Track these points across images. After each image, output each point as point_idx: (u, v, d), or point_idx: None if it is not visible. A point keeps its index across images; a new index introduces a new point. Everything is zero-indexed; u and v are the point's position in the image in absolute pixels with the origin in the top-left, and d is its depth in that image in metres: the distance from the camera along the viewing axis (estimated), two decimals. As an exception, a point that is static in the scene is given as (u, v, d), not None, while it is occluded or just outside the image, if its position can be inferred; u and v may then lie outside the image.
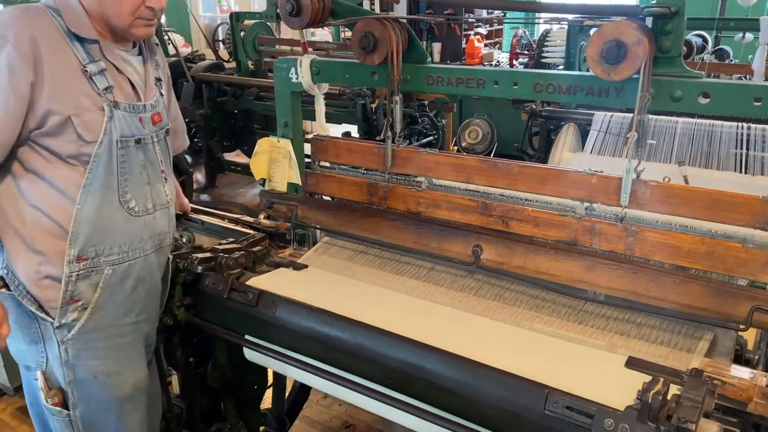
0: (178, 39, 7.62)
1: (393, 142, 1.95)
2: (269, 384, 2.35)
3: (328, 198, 2.15)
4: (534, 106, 4.24)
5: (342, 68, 2.07)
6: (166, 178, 1.76)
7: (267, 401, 2.43)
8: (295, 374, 1.86)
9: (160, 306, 1.82)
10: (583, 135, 3.87)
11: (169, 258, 1.83)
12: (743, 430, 1.35)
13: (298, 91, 2.18)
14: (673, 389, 1.23)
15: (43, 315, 1.59)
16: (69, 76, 1.50)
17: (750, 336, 1.65)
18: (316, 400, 2.94)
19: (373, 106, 5.01)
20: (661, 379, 1.20)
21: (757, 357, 1.62)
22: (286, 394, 2.48)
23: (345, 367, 1.61)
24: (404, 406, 1.52)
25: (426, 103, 5.68)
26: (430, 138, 5.70)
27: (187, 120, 6.18)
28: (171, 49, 7.07)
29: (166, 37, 7.13)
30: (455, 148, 5.63)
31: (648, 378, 1.25)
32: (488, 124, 5.43)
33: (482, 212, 1.80)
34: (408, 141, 5.48)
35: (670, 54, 1.54)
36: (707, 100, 1.52)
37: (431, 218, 1.92)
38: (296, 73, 2.13)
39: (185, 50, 7.76)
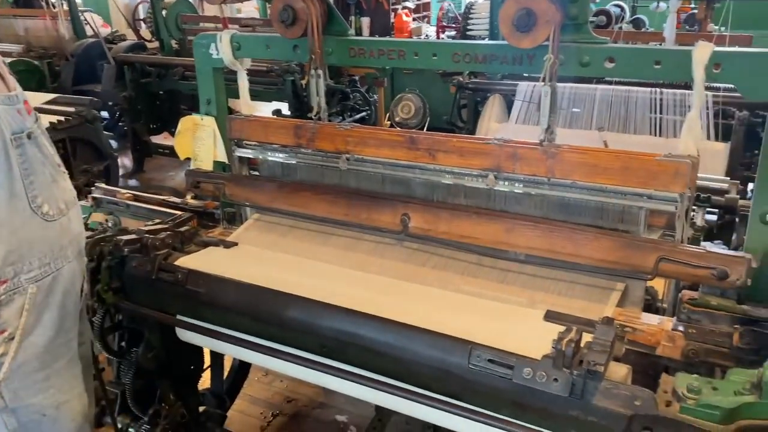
0: (96, 19, 7.27)
1: (318, 116, 1.96)
2: (207, 365, 2.34)
3: (256, 172, 2.15)
4: (461, 79, 4.32)
5: (263, 42, 2.06)
6: (64, 172, 1.58)
7: (207, 382, 2.43)
8: (229, 350, 1.87)
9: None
10: (509, 106, 3.98)
11: (85, 261, 1.64)
12: (654, 372, 1.45)
13: (219, 68, 2.16)
14: (587, 337, 1.31)
15: None
16: None
17: (660, 286, 1.78)
18: (257, 378, 2.96)
19: (303, 82, 4.96)
20: (574, 328, 1.28)
21: (666, 305, 1.75)
22: (225, 373, 2.48)
23: (279, 340, 1.62)
24: (341, 373, 1.56)
25: (357, 78, 5.68)
26: (363, 114, 5.72)
27: (110, 103, 6.07)
28: (89, 30, 6.76)
29: (83, 18, 6.83)
30: (389, 122, 5.66)
31: (564, 329, 1.32)
32: (420, 99, 5.48)
33: (410, 147, 1.80)
34: (341, 117, 5.47)
35: (578, 21, 1.61)
36: (613, 65, 1.60)
37: (360, 190, 1.95)
38: (216, 49, 2.10)
39: (105, 31, 7.42)
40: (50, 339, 1.49)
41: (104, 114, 6.27)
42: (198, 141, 2.21)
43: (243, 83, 2.16)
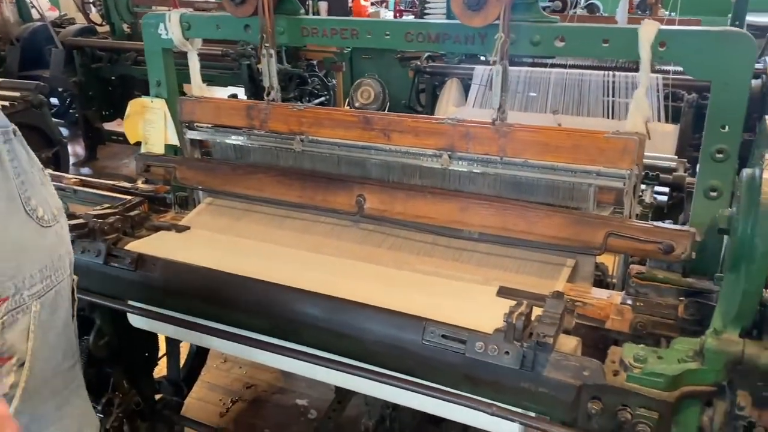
0: (42, 2, 7.00)
1: (269, 96, 1.93)
2: (163, 353, 2.30)
3: (208, 156, 2.11)
4: (419, 63, 4.32)
5: (213, 22, 2.01)
6: (48, 176, 1.39)
7: (165, 370, 2.39)
8: (181, 335, 1.84)
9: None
10: (466, 89, 4.00)
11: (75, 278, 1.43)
12: (604, 345, 1.49)
13: (169, 48, 2.10)
14: (538, 311, 1.33)
15: None
16: None
17: (611, 263, 1.82)
18: (216, 365, 2.93)
19: (259, 66, 4.89)
20: (525, 302, 1.30)
21: (615, 281, 1.79)
22: (183, 360, 2.44)
23: (232, 323, 1.60)
24: (297, 355, 1.55)
25: (315, 62, 5.61)
26: (322, 99, 5.66)
27: (60, 89, 5.88)
28: (35, 13, 6.52)
29: (28, 0, 6.57)
30: (348, 108, 5.62)
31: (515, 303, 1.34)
32: (379, 84, 5.44)
33: (364, 127, 1.79)
34: (299, 102, 5.41)
35: (528, 0, 1.62)
36: (563, 44, 1.62)
37: (315, 171, 1.93)
38: (166, 29, 2.04)
39: (52, 14, 7.15)
40: (58, 363, 1.33)
41: (54, 101, 6.07)
42: (148, 124, 2.15)
43: (194, 65, 2.11)
